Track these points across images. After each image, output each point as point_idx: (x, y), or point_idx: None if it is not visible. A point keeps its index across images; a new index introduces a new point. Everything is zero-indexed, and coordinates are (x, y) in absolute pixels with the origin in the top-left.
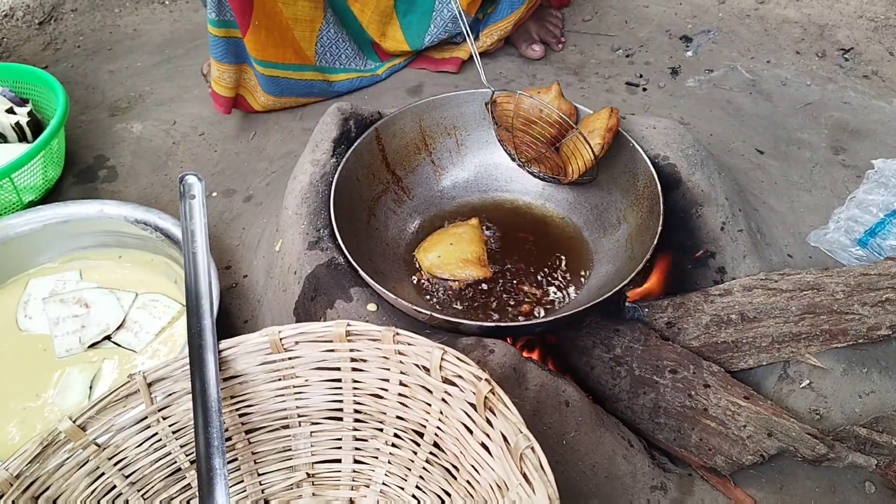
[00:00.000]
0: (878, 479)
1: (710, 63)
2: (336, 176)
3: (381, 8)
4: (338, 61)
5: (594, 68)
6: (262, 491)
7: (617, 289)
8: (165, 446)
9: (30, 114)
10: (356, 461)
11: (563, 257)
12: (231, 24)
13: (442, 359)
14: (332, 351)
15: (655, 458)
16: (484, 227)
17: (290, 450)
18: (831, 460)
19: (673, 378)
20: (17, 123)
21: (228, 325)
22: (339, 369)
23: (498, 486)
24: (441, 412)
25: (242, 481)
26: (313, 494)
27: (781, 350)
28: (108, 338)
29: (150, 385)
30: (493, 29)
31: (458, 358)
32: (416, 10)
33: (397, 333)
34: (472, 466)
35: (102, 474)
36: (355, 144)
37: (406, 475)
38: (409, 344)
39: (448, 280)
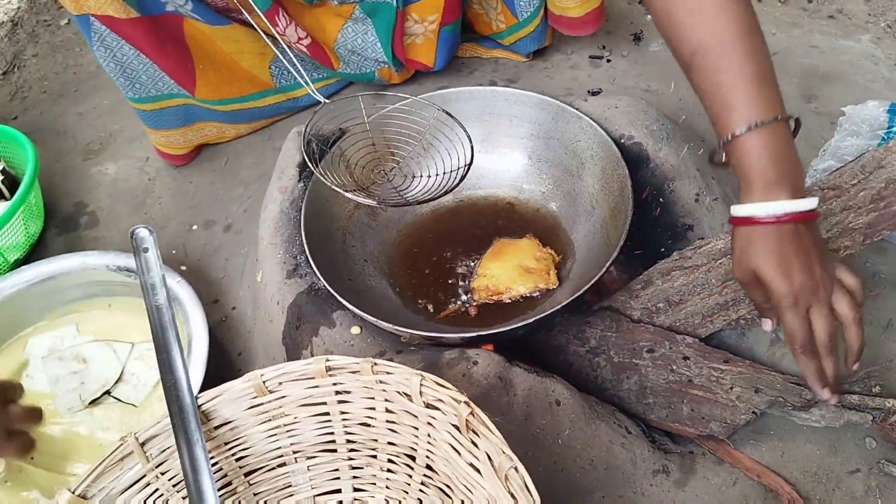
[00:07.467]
0: (877, 434)
1: None
2: (304, 201)
3: None
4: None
5: (556, 46)
6: None
7: (596, 278)
8: (168, 501)
9: (3, 172)
10: (356, 489)
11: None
12: (161, 97)
13: (421, 385)
14: (316, 387)
15: (656, 440)
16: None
17: (290, 486)
18: (819, 405)
19: (652, 357)
20: None
21: (223, 359)
22: (325, 403)
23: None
24: (429, 435)
25: None
26: None
27: (714, 322)
28: (108, 392)
29: (142, 444)
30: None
31: (436, 382)
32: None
33: (375, 364)
34: (465, 486)
35: None
36: (320, 166)
37: (404, 499)
38: (388, 373)
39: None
